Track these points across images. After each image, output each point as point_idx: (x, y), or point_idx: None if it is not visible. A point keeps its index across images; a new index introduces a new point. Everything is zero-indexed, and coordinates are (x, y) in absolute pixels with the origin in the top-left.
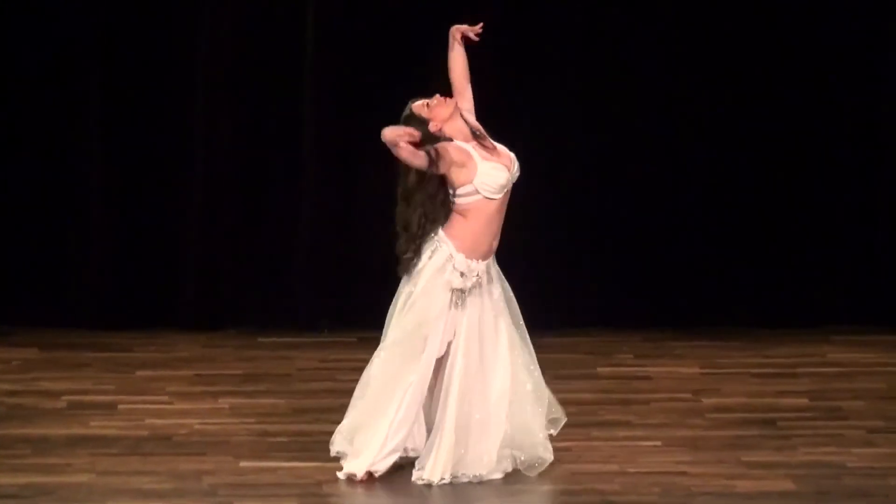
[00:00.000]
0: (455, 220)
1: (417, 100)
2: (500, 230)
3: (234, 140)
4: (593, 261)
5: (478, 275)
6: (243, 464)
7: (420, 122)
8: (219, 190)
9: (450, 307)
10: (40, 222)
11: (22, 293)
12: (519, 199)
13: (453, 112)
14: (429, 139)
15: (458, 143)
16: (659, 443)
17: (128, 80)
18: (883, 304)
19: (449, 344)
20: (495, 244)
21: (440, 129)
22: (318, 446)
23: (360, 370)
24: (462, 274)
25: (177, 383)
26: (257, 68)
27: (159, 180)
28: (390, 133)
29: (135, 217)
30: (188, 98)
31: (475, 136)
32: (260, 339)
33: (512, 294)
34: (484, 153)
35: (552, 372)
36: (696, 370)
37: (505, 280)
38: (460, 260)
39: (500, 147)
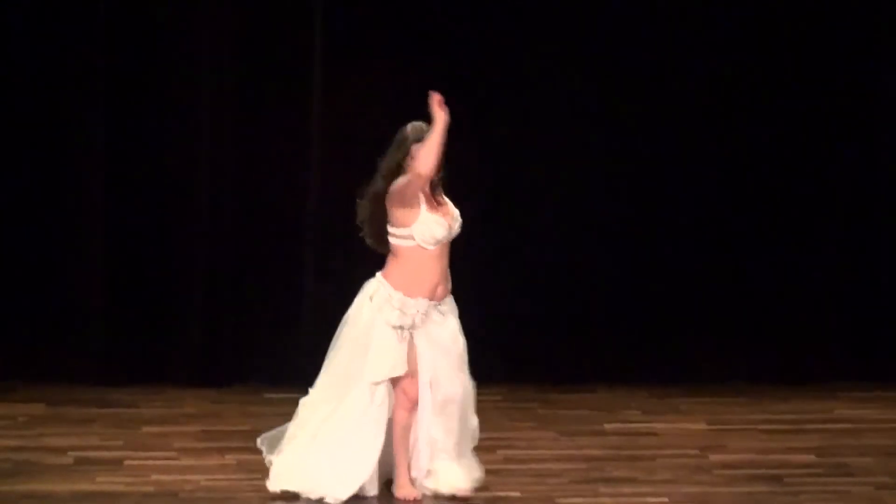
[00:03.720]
0: (390, 261)
1: (420, 124)
2: (444, 276)
3: (240, 199)
4: (599, 317)
5: (418, 312)
6: None
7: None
8: (225, 246)
9: (399, 342)
10: (46, 277)
11: (28, 349)
12: (523, 256)
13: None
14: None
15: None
16: (666, 499)
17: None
18: (890, 361)
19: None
20: (442, 288)
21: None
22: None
23: None
24: (401, 311)
25: (183, 439)
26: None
27: (165, 236)
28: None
29: (141, 273)
30: (193, 155)
31: (432, 185)
32: (266, 395)
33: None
34: (431, 204)
35: (559, 428)
36: (703, 426)
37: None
38: (398, 298)
39: (448, 203)
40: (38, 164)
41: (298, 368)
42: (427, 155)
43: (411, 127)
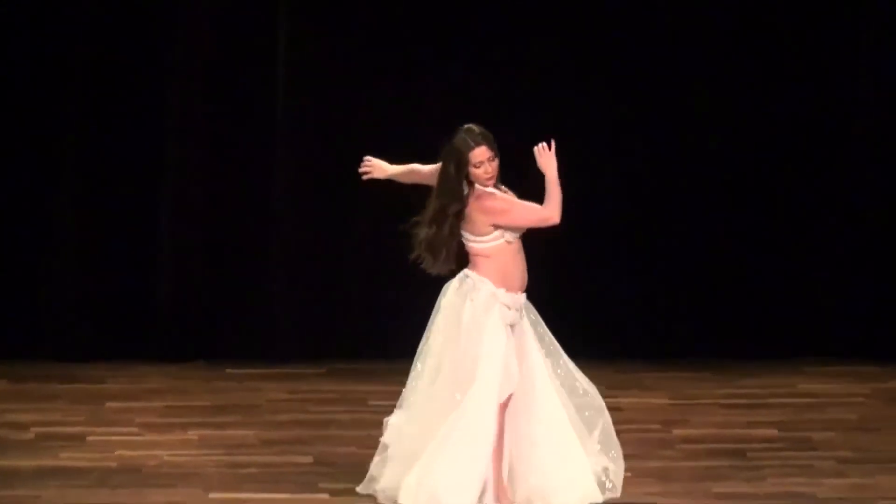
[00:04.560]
0: (480, 261)
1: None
2: (525, 266)
3: (206, 173)
4: (562, 293)
5: (521, 307)
6: (213, 495)
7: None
8: (190, 223)
9: (508, 339)
10: (9, 253)
11: None
12: None
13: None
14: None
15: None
16: (629, 473)
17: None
18: (853, 336)
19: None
20: (525, 279)
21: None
22: (287, 477)
23: (329, 401)
24: (508, 307)
25: (146, 415)
26: (228, 93)
27: (131, 212)
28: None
29: (105, 248)
30: (162, 125)
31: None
32: (229, 371)
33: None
34: None
35: None
36: (666, 401)
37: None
38: (502, 294)
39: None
40: (6, 148)
41: (261, 344)
42: (557, 204)
43: (462, 141)
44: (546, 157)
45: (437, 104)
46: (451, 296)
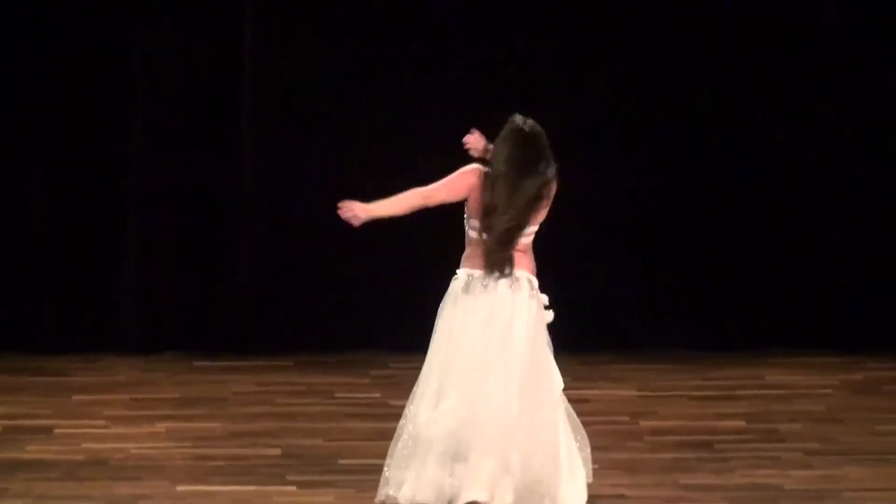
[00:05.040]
0: (521, 258)
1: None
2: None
3: (173, 163)
4: None
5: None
6: (180, 488)
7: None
8: (156, 213)
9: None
10: None
11: None
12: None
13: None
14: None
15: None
16: (596, 465)
17: (66, 110)
18: (821, 327)
19: None
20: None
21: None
22: (255, 470)
23: (297, 393)
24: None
25: (114, 407)
26: (195, 91)
27: (97, 203)
28: None
29: (71, 239)
30: (127, 117)
31: None
32: (196, 363)
33: None
34: None
35: None
36: (634, 393)
37: None
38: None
39: None
40: None
41: (228, 337)
42: None
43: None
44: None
45: (436, 104)
46: (508, 292)
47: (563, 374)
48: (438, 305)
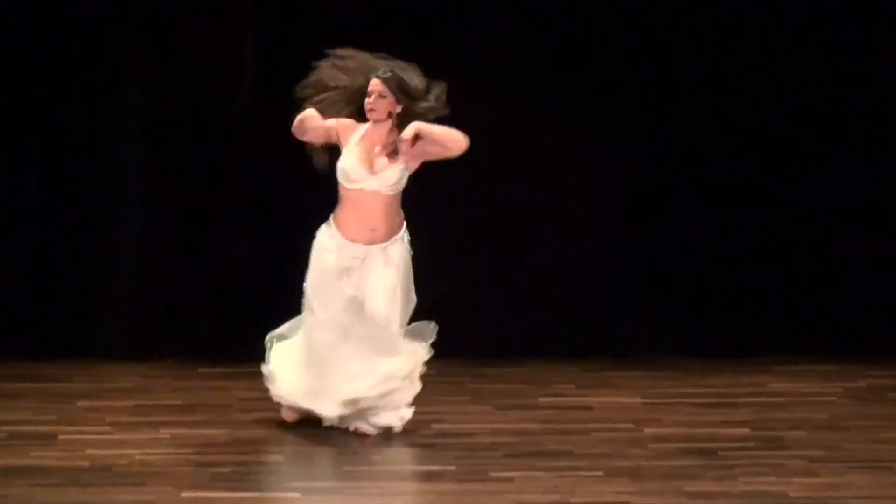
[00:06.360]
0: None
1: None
2: (372, 222)
3: (173, 171)
4: (530, 292)
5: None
6: (184, 494)
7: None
8: (157, 220)
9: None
10: None
11: None
12: (455, 231)
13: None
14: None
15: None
16: (601, 473)
17: (64, 111)
18: (824, 335)
19: None
20: (370, 235)
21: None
22: (258, 477)
23: None
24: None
25: (116, 413)
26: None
27: (97, 208)
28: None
29: (72, 246)
30: (126, 125)
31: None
32: (199, 370)
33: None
34: (365, 145)
35: (492, 402)
36: (637, 400)
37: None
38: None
39: (397, 164)
40: None
41: (229, 342)
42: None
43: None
44: (406, 146)
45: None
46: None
47: (567, 382)
48: (441, 309)
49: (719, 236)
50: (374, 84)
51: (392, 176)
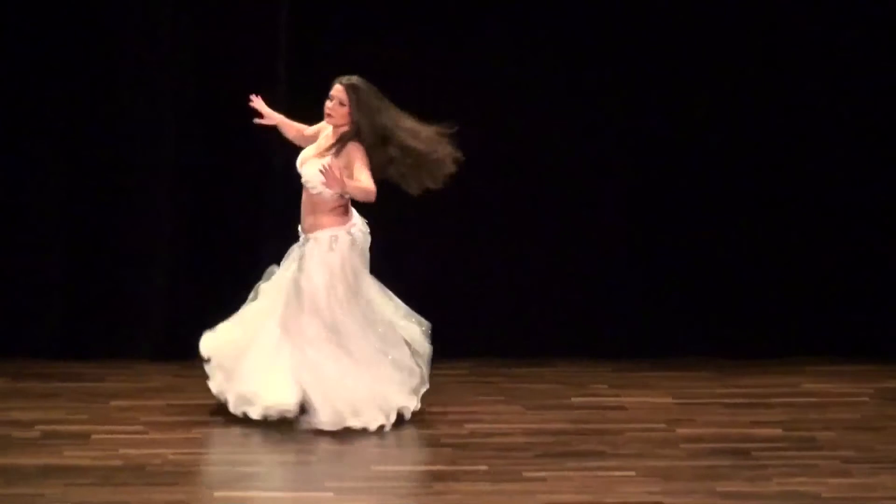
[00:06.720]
0: None
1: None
2: (303, 211)
3: (206, 175)
4: (564, 292)
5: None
6: (217, 494)
7: None
8: (190, 222)
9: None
10: (7, 251)
11: None
12: (487, 230)
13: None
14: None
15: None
16: (633, 473)
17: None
18: (856, 335)
19: None
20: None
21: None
22: (292, 476)
23: None
24: None
25: (149, 413)
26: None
27: (126, 210)
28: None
29: (104, 246)
30: (162, 128)
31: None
32: None
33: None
34: (318, 142)
35: (525, 402)
36: (670, 400)
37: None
38: None
39: (325, 159)
40: None
41: None
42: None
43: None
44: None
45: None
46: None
47: (600, 382)
48: (475, 309)
49: (755, 238)
50: (337, 90)
51: (308, 172)
